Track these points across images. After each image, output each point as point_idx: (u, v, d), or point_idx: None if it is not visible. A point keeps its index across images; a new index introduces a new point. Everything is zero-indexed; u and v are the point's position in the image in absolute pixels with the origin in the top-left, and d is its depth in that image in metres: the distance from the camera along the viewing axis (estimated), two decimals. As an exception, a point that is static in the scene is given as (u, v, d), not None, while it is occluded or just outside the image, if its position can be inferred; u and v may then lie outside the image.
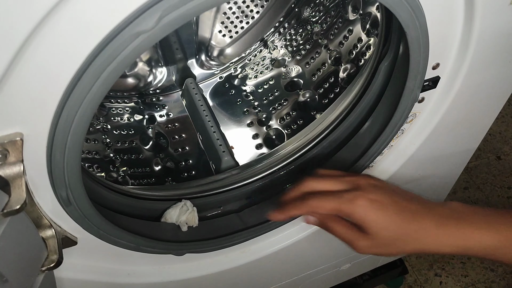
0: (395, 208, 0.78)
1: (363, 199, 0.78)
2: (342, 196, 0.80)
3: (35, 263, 0.72)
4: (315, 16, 1.27)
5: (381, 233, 0.78)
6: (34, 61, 0.54)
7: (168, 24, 0.56)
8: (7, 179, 0.61)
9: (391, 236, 0.78)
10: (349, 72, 1.16)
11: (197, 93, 1.26)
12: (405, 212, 0.78)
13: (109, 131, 1.21)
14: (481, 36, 0.81)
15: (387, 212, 0.77)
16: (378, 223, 0.77)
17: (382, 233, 0.78)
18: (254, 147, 1.27)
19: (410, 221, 0.78)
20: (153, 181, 1.18)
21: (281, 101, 1.31)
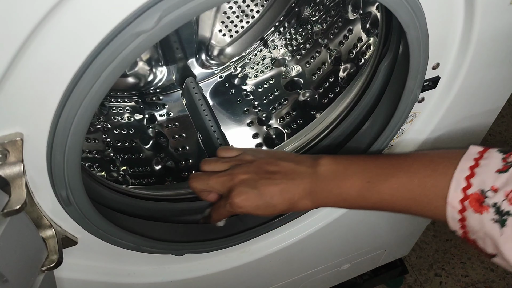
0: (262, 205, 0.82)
1: (233, 203, 0.83)
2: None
3: (35, 263, 0.72)
4: (315, 16, 1.27)
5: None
6: (34, 61, 0.54)
7: (168, 24, 0.56)
8: (7, 179, 0.61)
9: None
10: (349, 72, 1.16)
11: (197, 92, 1.26)
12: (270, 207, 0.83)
13: (109, 130, 1.21)
14: (481, 36, 0.81)
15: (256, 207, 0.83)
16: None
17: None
18: (254, 147, 1.27)
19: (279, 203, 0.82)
20: (153, 180, 1.18)
21: (281, 101, 1.31)
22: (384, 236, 1.46)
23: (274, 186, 0.80)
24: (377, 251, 1.52)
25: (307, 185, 0.80)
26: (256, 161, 0.85)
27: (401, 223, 1.43)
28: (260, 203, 0.81)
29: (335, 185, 0.79)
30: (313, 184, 0.80)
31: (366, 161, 0.81)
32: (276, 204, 0.81)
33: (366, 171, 0.79)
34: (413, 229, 1.56)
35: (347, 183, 0.79)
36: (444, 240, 2.08)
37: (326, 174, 0.80)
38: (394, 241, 1.54)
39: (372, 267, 1.68)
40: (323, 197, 0.81)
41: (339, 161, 0.82)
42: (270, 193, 0.80)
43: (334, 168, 0.80)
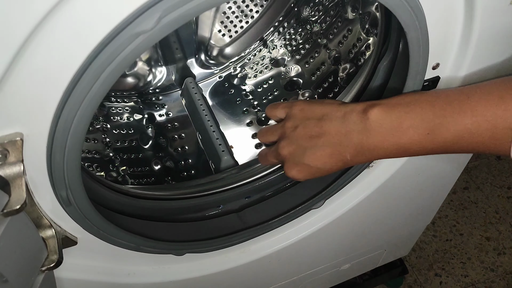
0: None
1: (289, 175, 0.82)
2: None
3: (35, 263, 0.72)
4: (315, 16, 1.27)
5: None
6: (34, 61, 0.54)
7: (168, 24, 0.56)
8: (7, 179, 0.61)
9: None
10: (348, 72, 1.16)
11: (196, 92, 1.26)
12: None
13: (108, 130, 1.21)
14: (481, 36, 0.81)
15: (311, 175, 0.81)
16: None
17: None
18: (253, 147, 1.27)
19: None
20: (152, 180, 1.18)
21: (280, 101, 1.31)
22: (384, 236, 1.46)
23: (321, 152, 0.77)
24: (377, 251, 1.52)
25: (358, 144, 0.75)
26: (299, 126, 0.80)
27: (401, 223, 1.43)
28: (313, 171, 0.79)
29: (391, 140, 0.73)
30: (364, 142, 0.74)
31: (423, 108, 0.71)
32: (331, 167, 0.78)
33: (424, 122, 0.70)
34: (413, 229, 1.56)
35: (404, 137, 0.72)
36: (444, 240, 2.08)
37: (379, 130, 0.73)
38: (394, 241, 1.54)
39: (372, 267, 1.68)
40: (380, 153, 0.75)
41: (392, 112, 0.73)
42: (320, 160, 0.77)
43: (387, 122, 0.73)
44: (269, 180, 1.07)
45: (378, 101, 0.75)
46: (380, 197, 1.13)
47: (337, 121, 0.76)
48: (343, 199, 1.09)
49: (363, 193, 1.09)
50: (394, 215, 1.33)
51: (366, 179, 1.07)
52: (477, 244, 2.06)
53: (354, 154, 0.76)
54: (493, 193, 2.19)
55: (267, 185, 1.07)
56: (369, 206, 1.14)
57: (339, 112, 0.77)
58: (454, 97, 0.70)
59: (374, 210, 1.18)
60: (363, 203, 1.10)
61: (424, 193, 1.31)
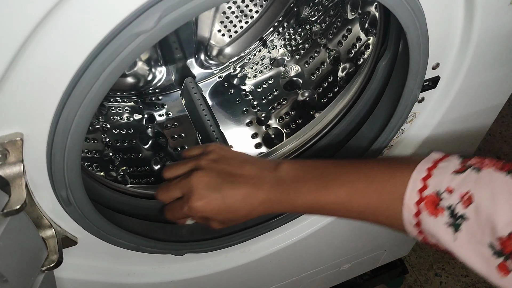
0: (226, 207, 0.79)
1: (193, 207, 0.78)
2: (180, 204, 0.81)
3: (35, 263, 0.72)
4: (314, 16, 1.27)
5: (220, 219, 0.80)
6: (34, 61, 0.54)
7: (168, 24, 0.56)
8: (7, 179, 0.61)
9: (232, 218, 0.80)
10: (348, 71, 1.16)
11: (196, 92, 1.26)
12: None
13: (108, 130, 1.21)
14: (481, 36, 0.81)
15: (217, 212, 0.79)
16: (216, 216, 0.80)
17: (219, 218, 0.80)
18: (253, 146, 1.27)
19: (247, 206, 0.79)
20: (152, 180, 1.18)
21: (280, 101, 1.31)
22: (384, 236, 1.46)
23: (237, 190, 0.77)
24: (377, 251, 1.52)
25: (268, 191, 0.77)
26: (220, 161, 0.81)
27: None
28: (222, 208, 0.77)
29: (293, 190, 0.76)
30: (273, 190, 0.77)
31: (326, 166, 0.78)
32: (238, 209, 0.78)
33: (324, 176, 0.76)
34: (412, 229, 1.56)
35: (305, 187, 0.76)
36: (444, 240, 2.08)
37: (286, 179, 0.77)
38: (394, 241, 1.54)
39: (372, 267, 1.68)
40: (282, 203, 0.78)
41: (299, 166, 0.79)
42: (233, 197, 0.77)
43: (294, 173, 0.78)
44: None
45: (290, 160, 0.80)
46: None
47: (255, 167, 0.79)
48: (343, 199, 1.09)
49: (363, 193, 1.09)
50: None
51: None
52: (476, 244, 2.06)
53: (261, 201, 0.78)
54: (493, 193, 2.19)
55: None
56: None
57: (256, 160, 0.82)
58: (355, 162, 0.78)
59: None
60: (363, 203, 1.10)
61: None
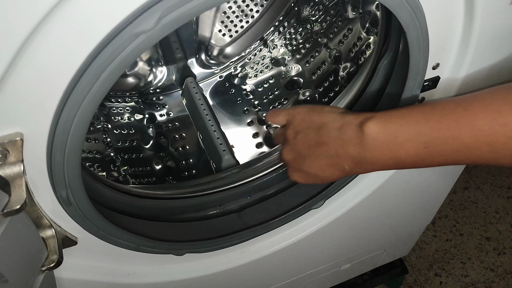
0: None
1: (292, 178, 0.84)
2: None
3: (35, 263, 0.72)
4: (315, 15, 1.27)
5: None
6: (34, 61, 0.54)
7: (168, 24, 0.56)
8: (7, 179, 0.61)
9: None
10: (349, 71, 1.16)
11: (197, 92, 1.26)
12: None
13: (109, 130, 1.21)
14: (481, 36, 0.80)
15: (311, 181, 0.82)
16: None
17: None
18: (254, 146, 1.27)
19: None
20: (153, 180, 1.18)
21: (281, 100, 1.31)
22: (384, 236, 1.46)
23: (319, 161, 0.78)
24: (377, 251, 1.52)
25: (356, 157, 0.74)
26: (299, 134, 0.81)
27: (401, 223, 1.43)
28: (313, 178, 0.81)
29: (387, 154, 0.72)
30: (362, 155, 0.74)
31: (418, 121, 0.70)
32: (329, 176, 0.79)
33: (420, 135, 0.69)
34: (413, 229, 1.56)
35: (401, 151, 0.71)
36: (444, 240, 2.08)
37: (374, 144, 0.72)
38: (394, 241, 1.54)
39: (372, 267, 1.68)
40: (378, 166, 0.75)
41: (388, 125, 0.72)
42: (318, 169, 0.79)
43: (383, 135, 0.72)
44: (270, 179, 1.07)
45: (374, 114, 0.73)
46: (380, 197, 1.13)
47: (335, 133, 0.76)
48: (343, 199, 1.09)
49: (363, 193, 1.09)
50: (394, 215, 1.33)
51: (366, 179, 1.07)
52: (477, 244, 2.06)
53: (352, 165, 0.76)
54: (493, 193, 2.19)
55: (268, 184, 1.07)
56: (369, 206, 1.14)
57: (336, 123, 0.77)
58: (450, 109, 0.69)
59: (374, 210, 1.18)
60: (363, 203, 1.10)
61: (424, 193, 1.31)
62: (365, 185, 1.08)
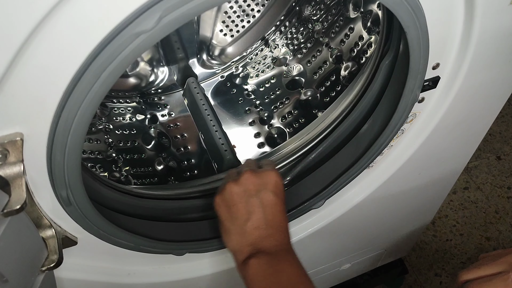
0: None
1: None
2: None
3: (35, 263, 0.72)
4: (316, 15, 1.27)
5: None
6: (34, 61, 0.54)
7: (169, 24, 0.56)
8: (7, 179, 0.61)
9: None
10: (350, 70, 1.16)
11: (198, 92, 1.26)
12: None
13: (111, 131, 1.21)
14: (481, 36, 0.81)
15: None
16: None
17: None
18: (256, 146, 1.27)
19: None
20: (155, 180, 1.18)
21: (282, 100, 1.31)
22: (384, 236, 1.46)
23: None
24: (377, 251, 1.52)
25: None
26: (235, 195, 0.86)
27: (401, 223, 1.43)
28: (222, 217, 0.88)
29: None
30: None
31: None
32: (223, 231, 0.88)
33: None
34: (413, 229, 1.56)
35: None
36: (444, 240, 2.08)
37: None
38: (394, 241, 1.54)
39: (372, 267, 1.68)
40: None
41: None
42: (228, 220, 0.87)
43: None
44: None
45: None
46: (380, 197, 1.13)
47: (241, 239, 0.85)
48: (343, 199, 1.09)
49: (363, 193, 1.09)
50: (394, 215, 1.33)
51: (366, 179, 1.07)
52: (477, 244, 2.06)
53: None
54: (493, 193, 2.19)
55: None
56: (369, 206, 1.14)
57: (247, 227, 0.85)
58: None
59: (374, 210, 1.18)
60: (363, 203, 1.11)
61: (424, 193, 1.31)
62: (365, 185, 1.08)
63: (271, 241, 0.82)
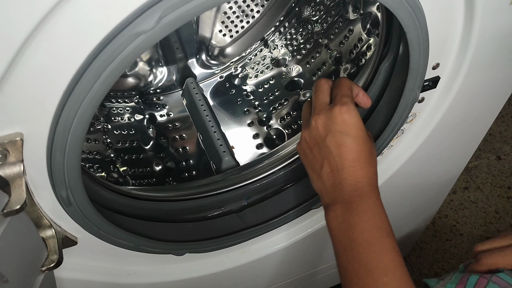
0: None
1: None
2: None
3: (35, 263, 0.72)
4: (316, 16, 1.27)
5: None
6: (34, 61, 0.54)
7: (168, 24, 0.56)
8: (7, 179, 0.61)
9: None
10: (349, 72, 1.16)
11: (197, 92, 1.26)
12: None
13: (109, 131, 1.21)
14: (481, 36, 0.81)
15: None
16: None
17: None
18: (254, 147, 1.27)
19: None
20: (153, 181, 1.18)
21: (281, 101, 1.31)
22: (384, 236, 1.46)
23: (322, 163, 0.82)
24: (377, 251, 1.52)
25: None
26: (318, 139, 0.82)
27: (401, 223, 1.43)
28: (308, 165, 0.85)
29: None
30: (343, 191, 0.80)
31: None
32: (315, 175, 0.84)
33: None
34: (413, 229, 1.56)
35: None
36: (444, 240, 2.08)
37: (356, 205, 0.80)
38: (394, 241, 1.54)
39: (372, 267, 1.68)
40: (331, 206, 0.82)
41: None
42: (318, 165, 0.83)
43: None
44: (271, 180, 1.07)
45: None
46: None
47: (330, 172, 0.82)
48: (343, 199, 1.09)
49: (363, 193, 1.09)
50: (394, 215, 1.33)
51: (366, 179, 1.07)
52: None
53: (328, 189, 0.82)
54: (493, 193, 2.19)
55: (268, 186, 1.07)
56: (369, 206, 1.14)
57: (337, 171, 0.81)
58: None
59: (375, 210, 1.18)
60: (363, 203, 1.10)
61: (424, 192, 1.31)
62: (365, 185, 1.08)
63: (345, 187, 0.80)
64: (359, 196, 0.79)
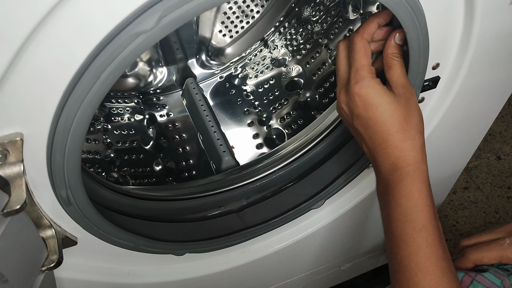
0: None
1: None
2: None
3: (35, 263, 0.72)
4: (316, 16, 1.27)
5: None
6: (34, 61, 0.54)
7: (168, 24, 0.56)
8: (7, 179, 0.61)
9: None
10: (349, 72, 1.16)
11: (197, 93, 1.26)
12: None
13: (109, 131, 1.21)
14: (481, 36, 0.81)
15: None
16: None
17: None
18: (254, 147, 1.27)
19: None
20: (153, 181, 1.18)
21: (281, 101, 1.31)
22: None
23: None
24: (377, 251, 1.52)
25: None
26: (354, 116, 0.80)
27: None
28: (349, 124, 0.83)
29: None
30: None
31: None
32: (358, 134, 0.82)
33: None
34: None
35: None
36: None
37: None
38: (394, 241, 1.54)
39: (372, 267, 1.68)
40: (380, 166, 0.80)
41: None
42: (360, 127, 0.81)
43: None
44: (270, 180, 1.07)
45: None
46: (380, 197, 1.13)
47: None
48: (343, 199, 1.09)
49: (363, 193, 1.09)
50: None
51: (366, 179, 1.07)
52: (477, 244, 2.06)
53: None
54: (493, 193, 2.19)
55: (268, 186, 1.07)
56: (369, 206, 1.14)
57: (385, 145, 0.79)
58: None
59: (374, 210, 1.18)
60: (363, 203, 1.10)
61: (425, 193, 1.31)
62: (365, 185, 1.08)
63: (382, 171, 0.79)
64: (396, 181, 0.78)
